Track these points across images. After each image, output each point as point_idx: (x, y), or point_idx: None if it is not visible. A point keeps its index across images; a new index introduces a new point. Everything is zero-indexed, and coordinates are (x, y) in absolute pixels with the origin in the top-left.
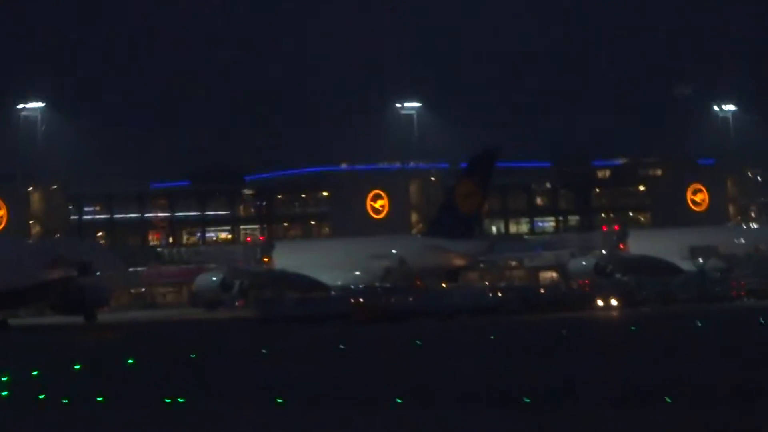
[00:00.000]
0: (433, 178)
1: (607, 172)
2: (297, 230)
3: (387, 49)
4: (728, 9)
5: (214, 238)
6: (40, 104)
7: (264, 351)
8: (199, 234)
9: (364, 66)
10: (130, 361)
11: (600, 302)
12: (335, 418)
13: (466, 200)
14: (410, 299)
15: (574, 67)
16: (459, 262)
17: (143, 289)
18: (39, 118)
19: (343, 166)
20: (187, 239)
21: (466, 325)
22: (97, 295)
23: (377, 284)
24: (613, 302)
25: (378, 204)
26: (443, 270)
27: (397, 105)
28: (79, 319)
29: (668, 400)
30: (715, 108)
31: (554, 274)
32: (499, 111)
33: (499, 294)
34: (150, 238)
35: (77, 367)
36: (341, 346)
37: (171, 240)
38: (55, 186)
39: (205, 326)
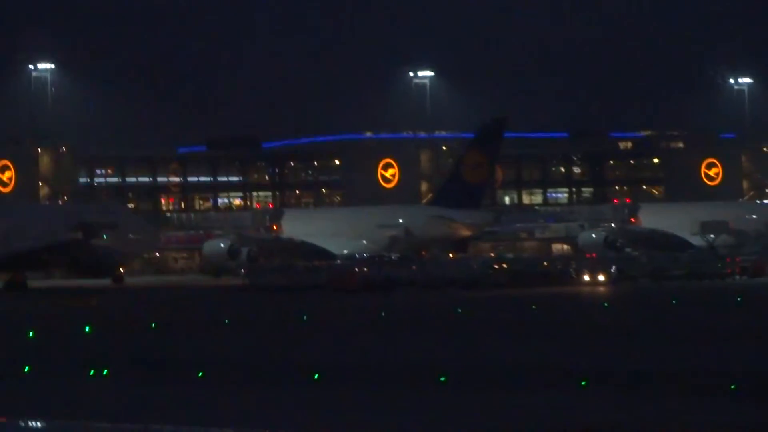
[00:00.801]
0: (444, 148)
1: (623, 145)
2: (309, 198)
3: (400, 17)
4: None
5: (228, 204)
6: (51, 65)
7: (226, 321)
8: (212, 200)
9: (377, 35)
10: (86, 329)
11: (586, 277)
12: (238, 395)
13: (474, 170)
14: (394, 269)
15: (592, 38)
16: (464, 232)
17: (157, 254)
18: (49, 79)
19: (357, 135)
20: (201, 205)
21: (440, 298)
22: (112, 257)
23: (383, 254)
24: (600, 278)
25: (389, 173)
26: (449, 240)
27: (410, 74)
28: (105, 282)
29: (583, 383)
30: (731, 81)
31: (566, 246)
32: (515, 81)
33: (495, 266)
34: (162, 202)
35: (31, 334)
36: (304, 317)
37: (182, 205)
38: (64, 148)
39: (193, 293)
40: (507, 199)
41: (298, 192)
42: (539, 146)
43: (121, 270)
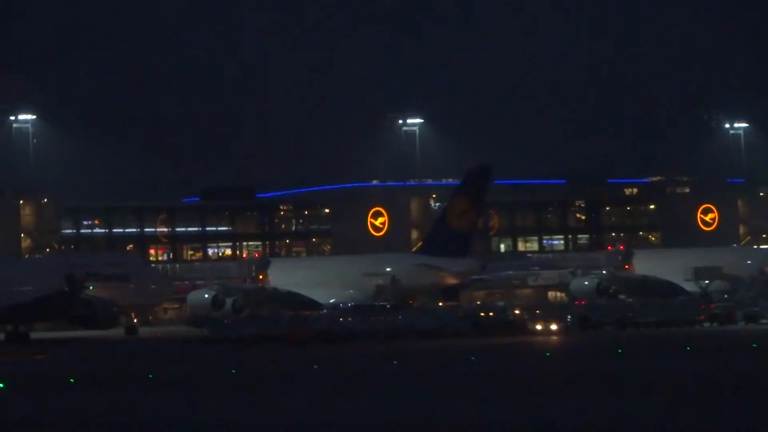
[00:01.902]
0: (434, 196)
1: (622, 191)
2: (301, 247)
3: (388, 65)
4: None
5: (220, 255)
6: (32, 116)
7: (150, 376)
8: (202, 250)
9: (365, 82)
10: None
11: (539, 327)
12: None
13: (460, 218)
14: (350, 320)
15: (589, 84)
16: (451, 280)
17: None
18: (30, 130)
19: (347, 184)
20: (192, 255)
21: (393, 349)
22: (108, 309)
23: (378, 303)
24: (553, 327)
25: (378, 221)
26: (435, 288)
27: (399, 122)
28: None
29: None
30: (727, 126)
31: (561, 294)
32: (511, 128)
33: (481, 314)
34: (152, 253)
35: None
36: (233, 371)
37: (171, 256)
38: (46, 199)
39: (149, 346)
40: (502, 247)
41: (288, 241)
42: (537, 193)
43: (134, 320)
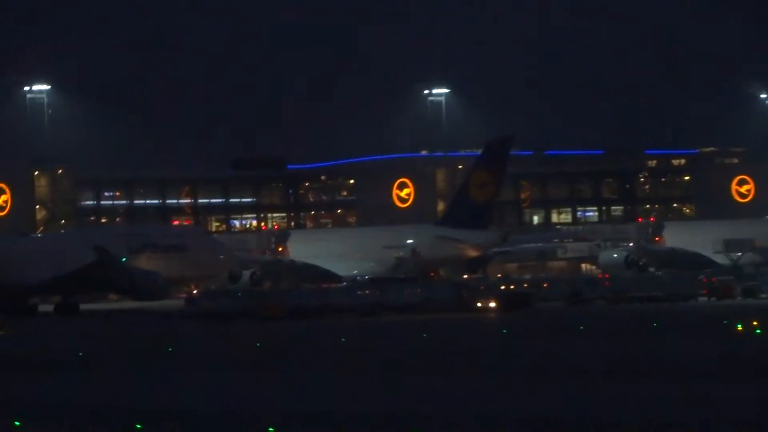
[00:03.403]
0: (460, 167)
1: (656, 162)
2: (328, 218)
3: (416, 34)
4: None
5: (247, 226)
6: (47, 86)
7: (80, 354)
8: (228, 222)
9: (392, 52)
10: None
11: (479, 304)
12: None
13: (480, 189)
14: (324, 295)
15: (625, 54)
16: (471, 252)
17: None
18: (45, 100)
19: (373, 156)
20: (218, 227)
21: (359, 325)
22: (151, 280)
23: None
24: (491, 304)
25: (404, 193)
26: (455, 261)
27: (425, 92)
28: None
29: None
30: (764, 96)
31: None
32: (544, 100)
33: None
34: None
35: None
36: (170, 349)
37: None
38: (61, 170)
39: (130, 319)
40: (535, 218)
41: (313, 213)
42: (571, 164)
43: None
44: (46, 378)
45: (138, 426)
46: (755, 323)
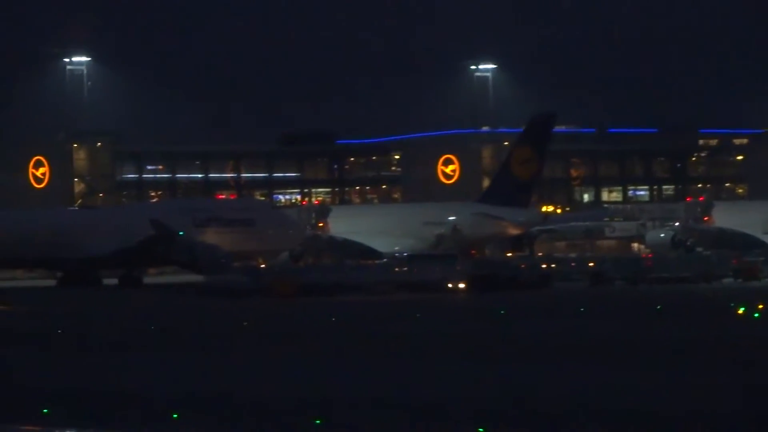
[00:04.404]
0: (506, 143)
1: (711, 141)
2: (373, 195)
3: (463, 9)
4: None
5: (292, 201)
6: (86, 58)
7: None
8: (271, 197)
9: (439, 28)
10: None
11: (449, 285)
12: None
13: (522, 166)
14: (336, 273)
15: (682, 30)
16: (512, 230)
17: None
18: (85, 72)
19: (418, 133)
20: None
21: (363, 303)
22: (212, 254)
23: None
24: (461, 285)
25: (449, 169)
26: (496, 239)
27: (472, 67)
28: None
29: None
30: None
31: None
32: (596, 77)
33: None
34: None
35: None
36: (152, 327)
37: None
38: (100, 143)
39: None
40: (585, 197)
41: (358, 188)
42: (624, 142)
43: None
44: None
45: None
46: (761, 306)
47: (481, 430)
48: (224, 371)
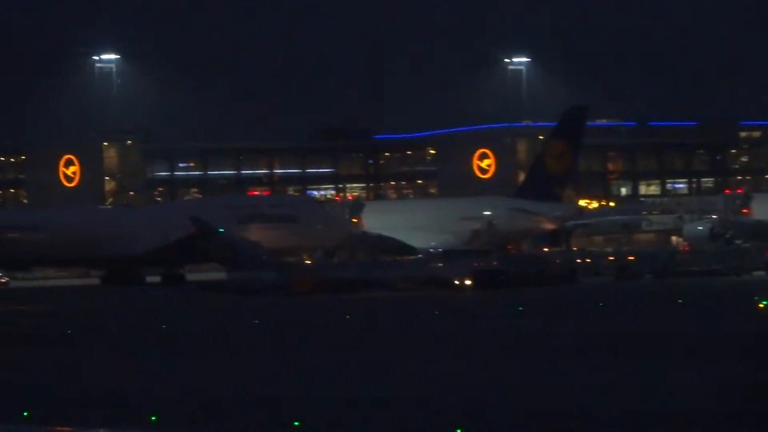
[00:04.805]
0: (541, 137)
1: (751, 133)
2: (408, 189)
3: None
4: None
5: (327, 197)
6: (116, 56)
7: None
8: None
9: (472, 21)
10: None
11: (456, 282)
12: None
13: (556, 160)
14: (356, 269)
15: (720, 25)
16: (547, 225)
17: None
18: (114, 70)
19: (452, 128)
20: None
21: (385, 299)
22: (253, 250)
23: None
24: (467, 282)
25: (484, 163)
26: (531, 234)
27: (506, 60)
28: None
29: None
30: None
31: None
32: (633, 71)
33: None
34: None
35: None
36: (163, 326)
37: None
38: (130, 141)
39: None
40: (623, 190)
41: (393, 183)
42: (662, 135)
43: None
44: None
45: None
46: None
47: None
48: (212, 371)
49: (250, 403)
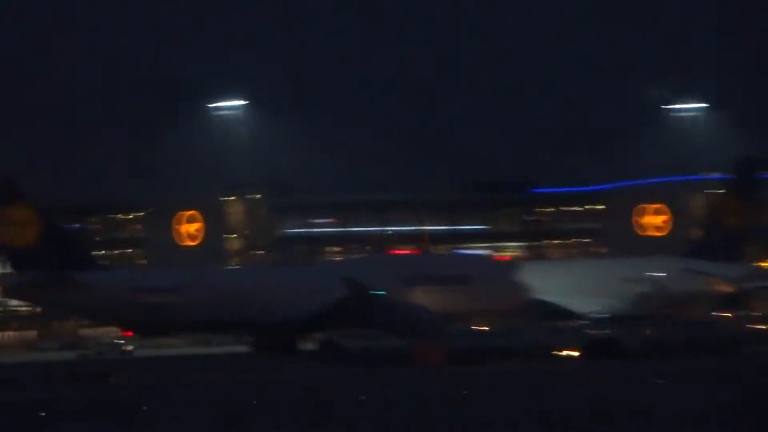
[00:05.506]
0: (718, 190)
1: None
2: (571, 248)
3: (663, 49)
4: None
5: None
6: (241, 102)
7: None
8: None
9: (634, 68)
10: None
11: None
12: None
13: (732, 217)
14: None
15: None
16: (723, 287)
17: None
18: (239, 117)
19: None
20: None
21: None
22: (417, 314)
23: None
24: (574, 353)
25: (659, 220)
26: (706, 297)
27: (674, 107)
28: None
29: None
30: None
31: None
32: None
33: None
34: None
35: None
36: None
37: None
38: (258, 195)
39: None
40: None
41: (554, 242)
42: None
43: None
44: None
45: None
46: None
47: None
48: None
49: None
